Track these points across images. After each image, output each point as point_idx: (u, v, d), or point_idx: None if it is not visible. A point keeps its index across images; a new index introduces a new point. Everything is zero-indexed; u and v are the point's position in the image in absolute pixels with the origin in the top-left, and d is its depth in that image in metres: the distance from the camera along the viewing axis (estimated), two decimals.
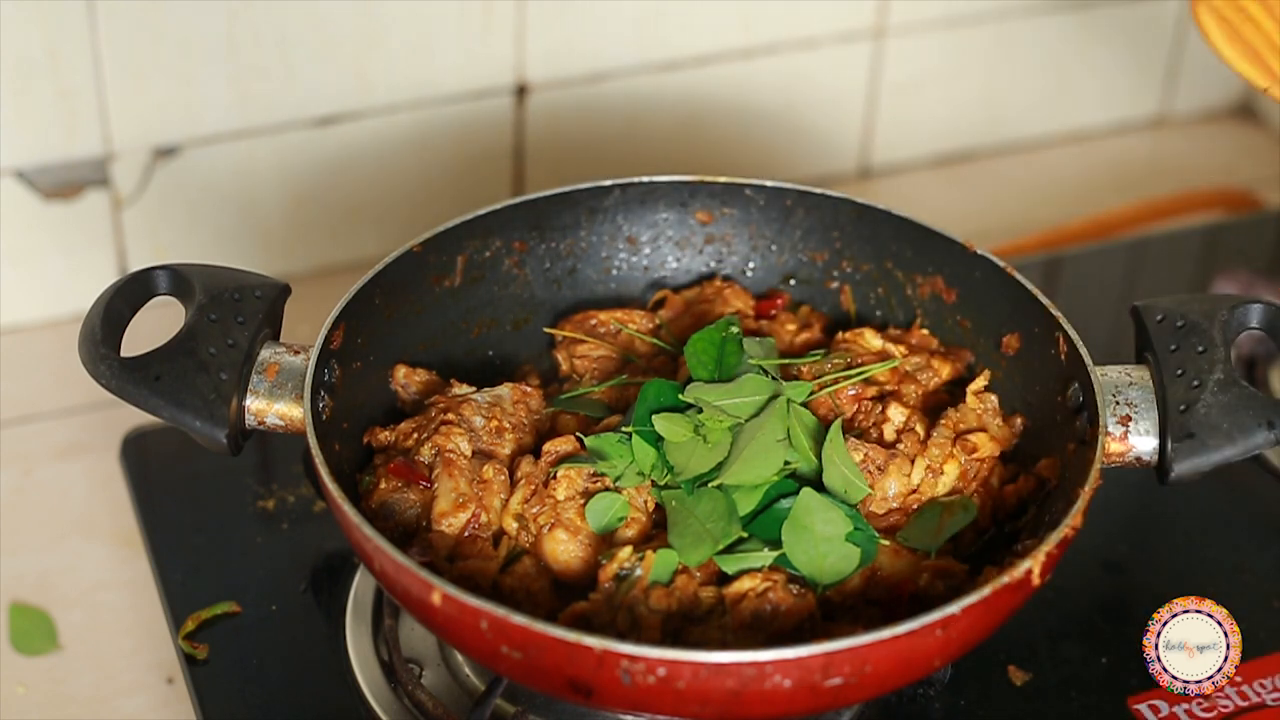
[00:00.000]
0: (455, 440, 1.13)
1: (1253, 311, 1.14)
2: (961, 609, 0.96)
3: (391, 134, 1.55)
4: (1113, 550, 1.28)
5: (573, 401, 1.20)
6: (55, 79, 1.42)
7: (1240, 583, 1.27)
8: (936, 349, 1.24)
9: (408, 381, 1.21)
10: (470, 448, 1.13)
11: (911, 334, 1.25)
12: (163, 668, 1.24)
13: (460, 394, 1.17)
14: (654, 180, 1.28)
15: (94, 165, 1.48)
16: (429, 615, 1.00)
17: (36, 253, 1.50)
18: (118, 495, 1.35)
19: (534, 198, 1.26)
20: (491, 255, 1.26)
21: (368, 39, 1.50)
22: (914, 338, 1.25)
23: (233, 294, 1.14)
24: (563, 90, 1.60)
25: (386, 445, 1.16)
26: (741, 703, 0.95)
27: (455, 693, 1.16)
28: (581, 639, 0.94)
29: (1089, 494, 1.04)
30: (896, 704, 1.15)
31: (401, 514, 1.11)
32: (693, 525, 1.08)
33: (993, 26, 1.72)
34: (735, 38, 1.63)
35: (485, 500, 1.11)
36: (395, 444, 1.16)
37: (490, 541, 1.10)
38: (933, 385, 1.21)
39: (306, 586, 1.24)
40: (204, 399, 1.09)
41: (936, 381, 1.21)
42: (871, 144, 1.75)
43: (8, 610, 1.28)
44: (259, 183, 1.54)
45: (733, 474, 1.10)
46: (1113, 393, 1.12)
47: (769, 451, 1.11)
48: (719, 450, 1.11)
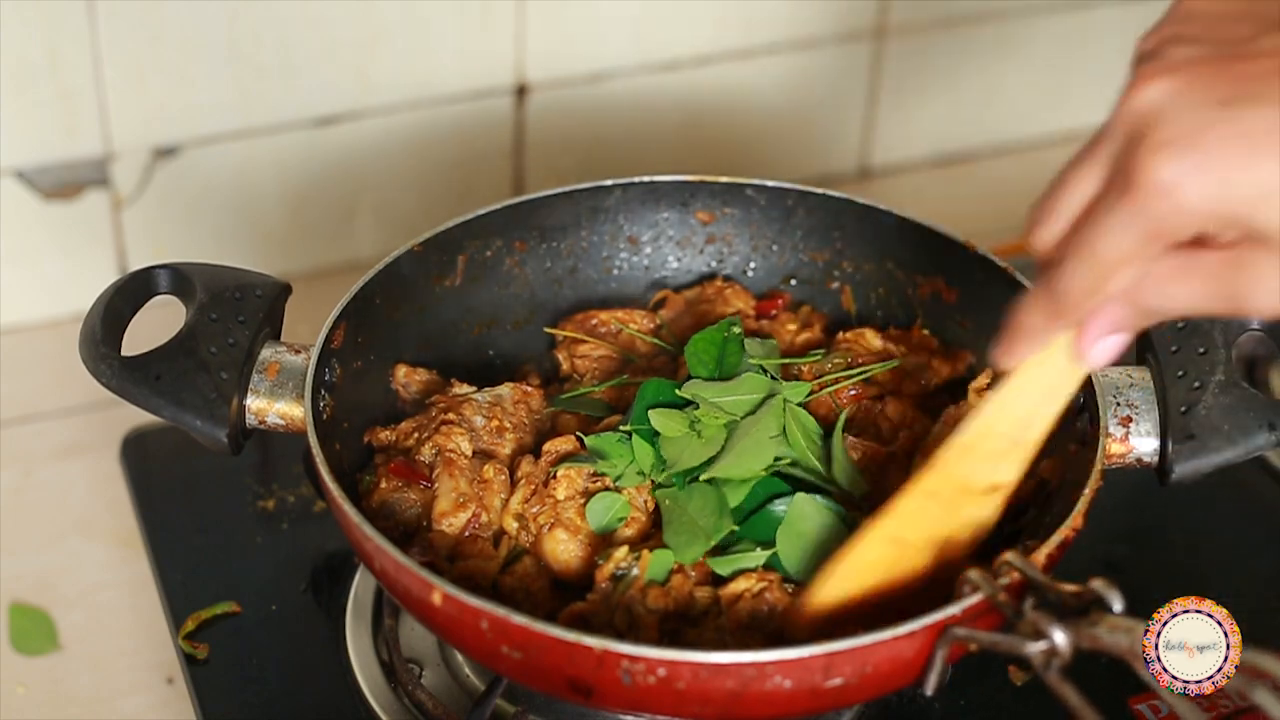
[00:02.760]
0: (456, 440, 1.13)
1: None
2: (963, 610, 0.96)
3: (391, 134, 1.55)
4: (1113, 550, 1.28)
5: (573, 401, 1.20)
6: (55, 79, 1.42)
7: (1240, 583, 1.27)
8: (936, 349, 1.24)
9: (408, 381, 1.21)
10: (471, 447, 1.13)
11: (912, 334, 1.25)
12: (163, 668, 1.24)
13: (461, 394, 1.17)
14: (655, 180, 1.28)
15: (94, 165, 1.48)
16: (429, 615, 1.00)
17: (36, 253, 1.50)
18: (118, 495, 1.35)
19: (535, 197, 1.26)
20: (492, 255, 1.26)
21: (368, 39, 1.50)
22: (914, 338, 1.25)
23: (234, 293, 1.14)
24: (563, 90, 1.60)
25: (387, 445, 1.16)
26: (742, 703, 0.95)
27: (455, 693, 1.16)
28: (581, 639, 0.94)
29: (1089, 495, 1.04)
30: (897, 704, 1.15)
31: (402, 514, 1.11)
32: (685, 521, 1.08)
33: (993, 26, 1.72)
34: (735, 38, 1.63)
35: (486, 500, 1.11)
36: (396, 444, 1.15)
37: (490, 541, 1.10)
38: (933, 385, 1.21)
39: (306, 586, 1.24)
40: (204, 398, 1.09)
41: (936, 381, 1.21)
42: (871, 144, 1.75)
43: (8, 610, 1.28)
44: (259, 183, 1.54)
45: (723, 468, 1.10)
46: (1114, 394, 1.12)
47: (761, 447, 1.11)
48: (713, 445, 1.11)
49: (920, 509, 1.02)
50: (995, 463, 1.02)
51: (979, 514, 1.04)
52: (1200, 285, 0.84)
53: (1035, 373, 0.96)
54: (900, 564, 1.04)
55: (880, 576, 1.03)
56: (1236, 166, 0.79)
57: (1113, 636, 0.91)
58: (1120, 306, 0.87)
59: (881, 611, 1.03)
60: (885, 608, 1.04)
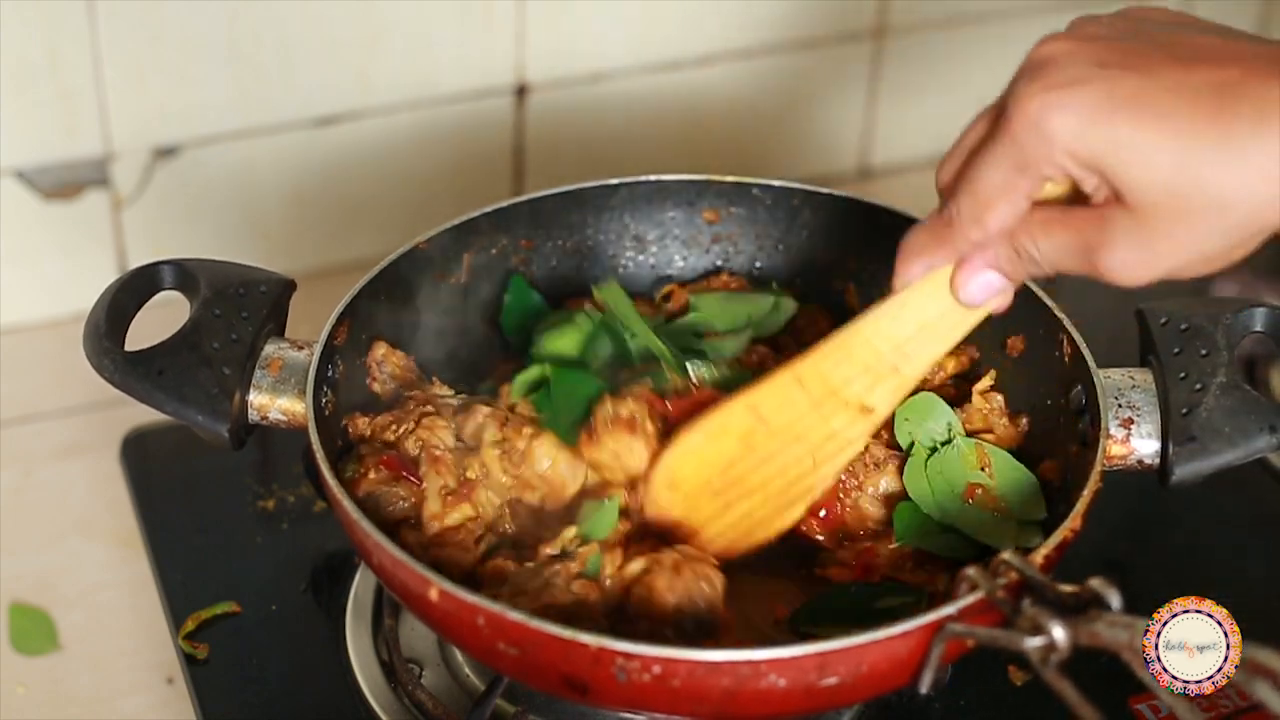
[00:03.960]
0: (440, 434, 1.12)
1: (1257, 315, 1.14)
2: (960, 608, 0.96)
3: (391, 134, 1.55)
4: (1113, 550, 1.28)
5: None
6: (55, 79, 1.42)
7: (1240, 583, 1.27)
8: None
9: (384, 360, 1.18)
10: (453, 440, 1.12)
11: None
12: (163, 668, 1.24)
13: (438, 394, 1.17)
14: (661, 179, 1.29)
15: (94, 165, 1.48)
16: (427, 611, 1.00)
17: (36, 253, 1.50)
18: (118, 495, 1.35)
19: (540, 196, 1.26)
20: (498, 253, 1.26)
21: (368, 39, 1.50)
22: None
23: (237, 289, 1.14)
24: (563, 90, 1.60)
25: (364, 436, 1.14)
26: (737, 701, 0.95)
27: (455, 693, 1.16)
28: (577, 636, 0.94)
29: (1089, 497, 1.04)
30: (897, 704, 1.15)
31: (389, 507, 1.10)
32: (558, 398, 1.12)
33: (993, 26, 1.72)
34: (735, 38, 1.63)
35: (474, 497, 1.10)
36: (373, 435, 1.14)
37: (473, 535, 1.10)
38: (938, 380, 1.21)
39: (306, 586, 1.24)
40: (207, 393, 1.09)
41: (942, 376, 1.21)
42: (871, 144, 1.75)
43: (8, 610, 1.28)
44: (259, 182, 1.54)
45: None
46: (1115, 395, 1.11)
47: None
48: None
49: (786, 392, 1.07)
50: (869, 380, 1.05)
51: (844, 432, 1.07)
52: (1064, 238, 0.92)
53: (920, 300, 1.01)
54: (756, 443, 1.08)
55: (734, 450, 1.08)
56: (1098, 118, 0.87)
57: (1112, 632, 0.91)
58: (1000, 246, 0.95)
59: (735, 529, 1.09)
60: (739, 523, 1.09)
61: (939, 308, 1.01)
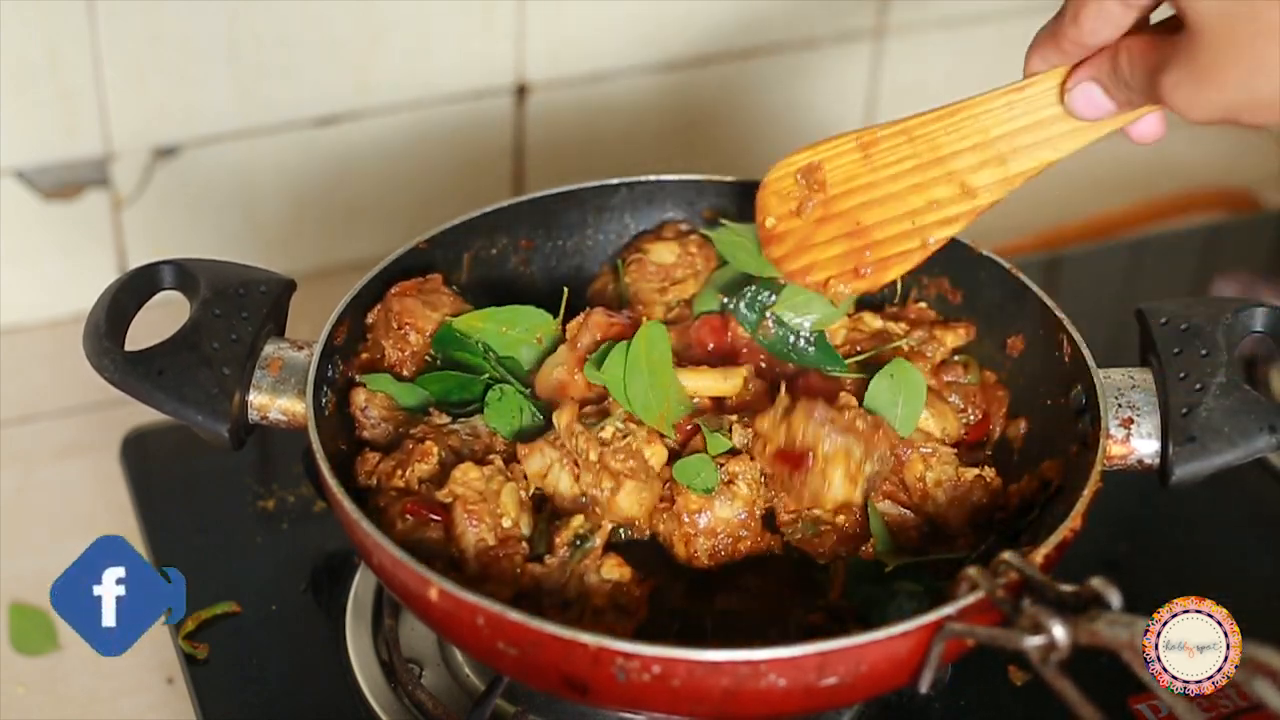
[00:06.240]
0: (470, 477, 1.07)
1: (1257, 315, 1.14)
2: (959, 608, 0.96)
3: (391, 134, 1.55)
4: (1113, 550, 1.28)
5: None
6: (55, 79, 1.42)
7: (1240, 583, 1.27)
8: (936, 320, 1.24)
9: (367, 405, 1.14)
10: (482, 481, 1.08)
11: (908, 309, 1.25)
12: (163, 668, 1.24)
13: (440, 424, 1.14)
14: (661, 179, 1.29)
15: (94, 165, 1.48)
16: (427, 610, 1.00)
17: (36, 253, 1.50)
18: (118, 495, 1.35)
19: (541, 195, 1.26)
20: (498, 253, 1.26)
21: (368, 39, 1.50)
22: (911, 313, 1.24)
23: (237, 289, 1.14)
24: (563, 90, 1.60)
25: (369, 488, 1.10)
26: (736, 701, 0.95)
27: (455, 693, 1.16)
28: (577, 636, 0.94)
29: (1089, 497, 1.04)
30: (896, 704, 1.15)
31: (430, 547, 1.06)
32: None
33: (993, 26, 1.72)
34: (735, 38, 1.63)
35: (495, 506, 1.07)
36: (380, 485, 1.10)
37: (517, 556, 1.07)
38: (939, 357, 1.21)
39: (306, 586, 1.24)
40: (207, 393, 1.09)
41: (943, 352, 1.21)
42: None
43: (8, 610, 1.28)
44: (259, 183, 1.54)
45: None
46: (1115, 395, 1.11)
47: None
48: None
49: (894, 142, 1.13)
50: (975, 160, 1.10)
51: (945, 208, 1.12)
52: (1142, 59, 0.97)
53: (1037, 93, 1.06)
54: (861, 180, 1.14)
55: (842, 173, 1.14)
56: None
57: (1112, 630, 0.91)
58: (1103, 61, 1.01)
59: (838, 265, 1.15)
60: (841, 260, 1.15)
61: (1054, 110, 1.06)
